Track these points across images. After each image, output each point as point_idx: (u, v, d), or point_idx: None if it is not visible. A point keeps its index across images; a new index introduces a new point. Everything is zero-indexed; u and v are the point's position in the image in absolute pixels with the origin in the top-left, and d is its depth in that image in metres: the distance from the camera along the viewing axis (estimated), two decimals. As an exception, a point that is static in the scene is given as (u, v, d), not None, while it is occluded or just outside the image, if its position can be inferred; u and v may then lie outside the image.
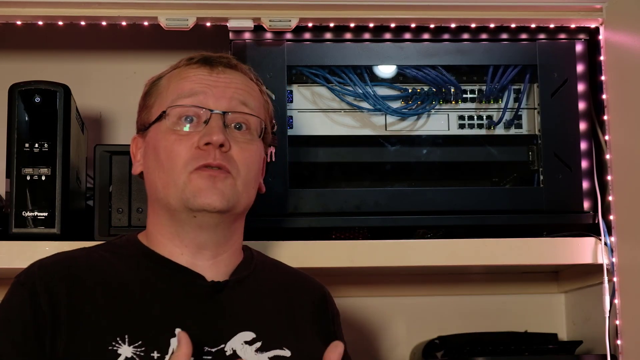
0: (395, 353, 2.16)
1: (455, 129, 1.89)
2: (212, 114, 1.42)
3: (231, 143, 1.42)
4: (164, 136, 1.43)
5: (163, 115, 1.44)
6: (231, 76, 1.48)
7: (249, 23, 1.82)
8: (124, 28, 1.87)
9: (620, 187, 1.80)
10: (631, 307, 1.76)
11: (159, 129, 1.45)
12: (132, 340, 1.33)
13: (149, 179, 1.47)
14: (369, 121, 1.88)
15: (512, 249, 1.81)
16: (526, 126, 1.90)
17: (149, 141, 1.47)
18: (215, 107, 1.43)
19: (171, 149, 1.42)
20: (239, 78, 1.49)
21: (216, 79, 1.46)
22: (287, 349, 1.41)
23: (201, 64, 1.47)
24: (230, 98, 1.45)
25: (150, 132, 1.47)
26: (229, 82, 1.47)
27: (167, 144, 1.42)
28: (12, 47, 2.15)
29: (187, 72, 1.47)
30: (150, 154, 1.45)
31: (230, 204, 1.41)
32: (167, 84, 1.47)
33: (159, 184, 1.43)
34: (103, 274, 1.41)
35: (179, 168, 1.41)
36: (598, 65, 1.88)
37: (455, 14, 1.85)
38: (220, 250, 1.46)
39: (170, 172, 1.41)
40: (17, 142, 1.77)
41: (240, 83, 1.48)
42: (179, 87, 1.45)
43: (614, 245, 1.80)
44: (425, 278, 2.17)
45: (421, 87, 1.89)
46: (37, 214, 1.76)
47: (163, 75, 1.50)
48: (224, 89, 1.46)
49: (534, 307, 2.20)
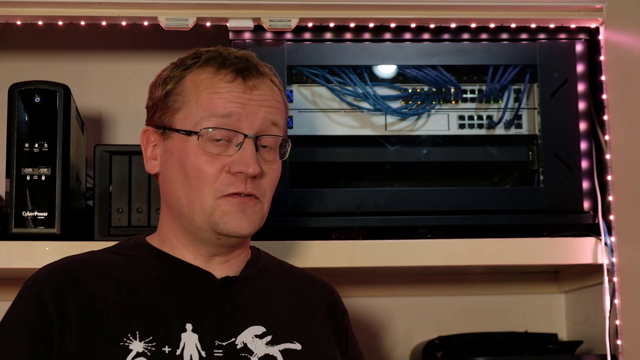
0: (395, 353, 2.16)
1: (455, 129, 1.89)
2: (246, 139, 1.42)
3: (262, 168, 1.43)
4: (194, 153, 1.42)
5: (196, 133, 1.42)
6: (262, 92, 1.45)
7: (249, 23, 1.82)
8: (124, 28, 1.87)
9: (620, 187, 1.80)
10: (631, 307, 1.76)
11: (187, 142, 1.42)
12: (142, 335, 1.35)
13: (170, 187, 1.45)
14: (369, 121, 1.88)
15: (512, 249, 1.81)
16: (526, 126, 1.90)
17: (172, 148, 1.44)
18: (248, 129, 1.42)
19: (202, 170, 1.41)
20: (269, 92, 1.46)
21: (250, 97, 1.43)
22: (298, 342, 1.42)
23: (234, 76, 1.43)
24: (263, 120, 1.43)
25: (174, 139, 1.44)
26: (261, 101, 1.44)
27: (198, 163, 1.41)
28: (12, 47, 2.14)
29: (218, 86, 1.43)
30: (175, 164, 1.44)
31: (257, 228, 1.44)
32: (196, 92, 1.44)
33: (184, 200, 1.43)
34: (112, 273, 1.42)
35: (207, 190, 1.41)
36: (598, 65, 1.88)
37: (455, 14, 1.85)
38: (233, 254, 1.48)
39: (198, 192, 1.41)
40: (17, 142, 1.77)
41: (271, 99, 1.46)
42: (212, 105, 1.42)
43: (614, 245, 1.80)
44: (425, 278, 2.18)
45: (421, 87, 1.89)
46: (37, 214, 1.76)
47: (184, 76, 1.46)
48: (257, 108, 1.43)
49: (534, 307, 2.20)
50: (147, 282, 1.42)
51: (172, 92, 1.45)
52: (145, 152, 1.48)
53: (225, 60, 1.44)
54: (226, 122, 1.41)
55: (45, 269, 1.44)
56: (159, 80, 1.48)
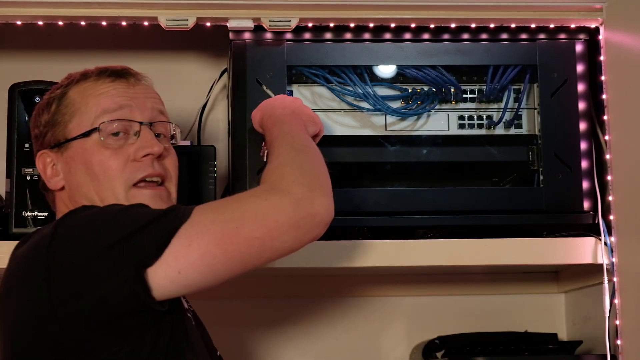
0: (395, 353, 2.16)
1: (455, 129, 1.89)
2: (142, 126, 1.50)
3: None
4: (97, 151, 1.48)
5: (95, 130, 1.48)
6: (143, 87, 1.56)
7: (249, 23, 1.82)
8: (124, 28, 1.87)
9: (620, 187, 1.80)
10: (631, 307, 1.76)
11: (85, 144, 1.48)
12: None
13: (79, 192, 1.49)
14: (369, 121, 1.88)
15: (512, 249, 1.81)
16: (526, 126, 1.90)
17: (73, 156, 1.49)
18: (141, 119, 1.51)
19: (108, 164, 1.47)
20: (149, 88, 1.57)
21: (135, 91, 1.53)
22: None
23: (114, 77, 1.53)
24: (152, 109, 1.53)
25: (73, 148, 1.49)
26: (145, 93, 1.55)
27: (103, 158, 1.47)
28: (12, 47, 2.15)
29: (103, 87, 1.51)
30: (79, 169, 1.49)
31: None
32: (82, 100, 1.50)
33: (96, 198, 1.47)
34: None
35: (117, 182, 1.47)
36: (598, 65, 1.88)
37: (455, 14, 1.85)
38: None
39: (109, 186, 1.47)
40: (17, 142, 1.77)
41: (152, 92, 1.57)
42: (102, 103, 1.50)
43: (614, 245, 1.80)
44: (425, 278, 2.17)
45: (421, 87, 1.89)
46: (37, 214, 1.76)
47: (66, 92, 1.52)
48: (144, 100, 1.53)
49: (534, 307, 2.20)
50: None
51: (58, 109, 1.51)
52: (45, 174, 1.52)
53: (101, 70, 1.53)
54: (121, 114, 1.49)
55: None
56: (41, 108, 1.54)
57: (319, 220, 1.35)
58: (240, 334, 2.11)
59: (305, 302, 2.16)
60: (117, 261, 1.27)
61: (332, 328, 2.15)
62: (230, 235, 1.30)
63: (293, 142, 1.51)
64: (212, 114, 2.18)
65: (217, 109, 2.18)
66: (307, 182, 1.37)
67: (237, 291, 2.09)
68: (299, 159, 1.45)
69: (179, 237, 1.29)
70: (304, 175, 1.39)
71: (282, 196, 1.34)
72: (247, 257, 1.32)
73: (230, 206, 1.34)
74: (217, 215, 1.32)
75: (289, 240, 1.34)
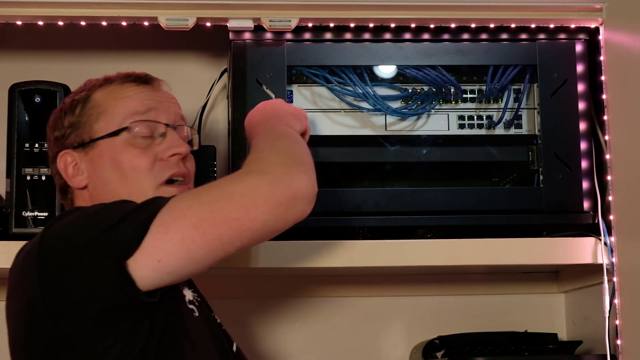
0: (395, 353, 2.16)
1: (455, 129, 1.89)
2: (168, 128, 1.55)
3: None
4: (126, 149, 1.52)
5: (124, 130, 1.52)
6: (166, 92, 1.61)
7: (249, 23, 1.82)
8: (124, 28, 1.87)
9: (620, 187, 1.80)
10: (631, 307, 1.76)
11: (113, 143, 1.52)
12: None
13: (105, 190, 1.51)
14: (369, 121, 1.88)
15: (512, 249, 1.81)
16: (526, 126, 1.90)
17: (100, 155, 1.52)
18: (167, 121, 1.56)
19: (137, 161, 1.51)
20: (170, 93, 1.63)
21: (159, 96, 1.58)
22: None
23: (138, 82, 1.58)
24: (175, 113, 1.59)
25: (100, 147, 1.53)
26: (168, 98, 1.61)
27: (132, 156, 1.51)
28: (12, 47, 2.15)
29: (129, 91, 1.56)
30: (107, 167, 1.52)
31: None
32: (109, 102, 1.55)
33: (124, 195, 1.48)
34: None
35: (146, 180, 1.51)
36: (598, 65, 1.88)
37: (455, 14, 1.85)
38: None
39: (137, 184, 1.50)
40: (17, 142, 1.78)
41: (174, 98, 1.63)
42: (130, 105, 1.55)
43: (614, 245, 1.80)
44: (425, 278, 2.17)
45: (421, 87, 1.89)
46: (37, 214, 1.76)
47: (90, 95, 1.56)
48: (168, 104, 1.59)
49: (534, 307, 2.20)
50: None
51: (83, 111, 1.55)
52: (67, 173, 1.55)
53: (126, 75, 1.59)
54: (147, 116, 1.54)
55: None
56: (63, 110, 1.58)
57: (300, 196, 1.35)
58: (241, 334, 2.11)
59: (305, 302, 2.16)
60: (99, 255, 1.29)
61: (332, 328, 2.15)
62: (207, 218, 1.30)
63: (272, 132, 1.53)
64: (212, 114, 2.18)
65: (217, 109, 2.18)
66: (285, 162, 1.38)
67: (238, 291, 2.09)
68: (278, 144, 1.46)
69: (155, 225, 1.29)
70: (282, 156, 1.40)
71: (260, 176, 1.34)
72: (227, 239, 1.32)
73: (207, 190, 1.35)
74: (193, 200, 1.33)
75: (270, 219, 1.33)
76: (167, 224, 1.30)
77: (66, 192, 1.58)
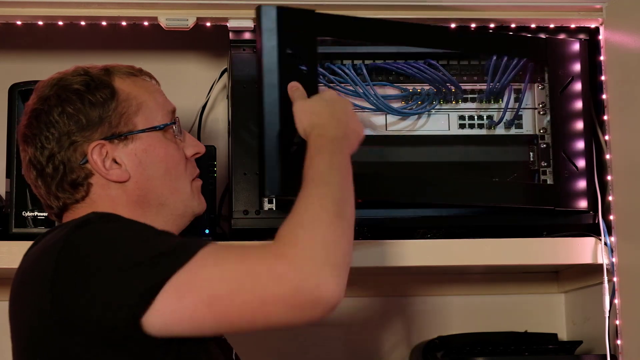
0: (395, 353, 2.16)
1: (455, 128, 1.89)
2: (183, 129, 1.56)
3: None
4: (168, 145, 1.50)
5: (169, 125, 1.51)
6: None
7: (249, 23, 1.82)
8: (124, 28, 1.87)
9: (620, 187, 1.80)
10: (631, 307, 1.76)
11: (155, 137, 1.49)
12: None
13: (149, 185, 1.47)
14: (369, 121, 1.88)
15: (512, 249, 1.81)
16: (526, 126, 1.90)
17: (144, 148, 1.47)
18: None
19: (179, 158, 1.52)
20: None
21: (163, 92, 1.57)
22: None
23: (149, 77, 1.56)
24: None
25: (142, 140, 1.48)
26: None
27: (174, 152, 1.51)
28: (12, 47, 2.15)
29: (151, 85, 1.54)
30: (153, 161, 1.48)
31: None
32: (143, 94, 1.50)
33: (167, 191, 1.48)
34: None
35: (184, 176, 1.52)
36: (598, 65, 1.88)
37: (456, 14, 1.85)
38: None
39: (178, 180, 1.50)
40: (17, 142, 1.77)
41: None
42: (161, 101, 1.53)
43: (614, 245, 1.80)
44: (425, 278, 2.17)
45: (421, 87, 1.89)
46: (37, 214, 1.76)
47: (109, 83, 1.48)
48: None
49: (534, 307, 2.20)
50: None
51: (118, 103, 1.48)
52: (102, 166, 1.45)
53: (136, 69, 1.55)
54: (175, 115, 1.54)
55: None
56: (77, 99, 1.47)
57: (322, 305, 1.25)
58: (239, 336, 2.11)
59: (305, 302, 2.16)
60: (113, 293, 1.25)
61: (332, 328, 2.15)
62: (223, 298, 1.24)
63: (330, 195, 1.36)
64: (212, 114, 2.18)
65: (217, 109, 2.18)
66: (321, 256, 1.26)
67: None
68: (326, 219, 1.31)
69: (172, 286, 1.24)
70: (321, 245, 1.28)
71: (288, 269, 1.24)
72: (237, 324, 1.27)
73: (233, 263, 1.26)
74: (216, 271, 1.25)
75: (285, 318, 1.25)
76: (182, 292, 1.24)
77: (79, 186, 1.46)
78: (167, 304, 1.23)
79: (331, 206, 1.33)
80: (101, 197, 1.46)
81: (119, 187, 1.46)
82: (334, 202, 1.34)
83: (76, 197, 1.46)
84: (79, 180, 1.46)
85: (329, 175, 1.39)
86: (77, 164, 1.45)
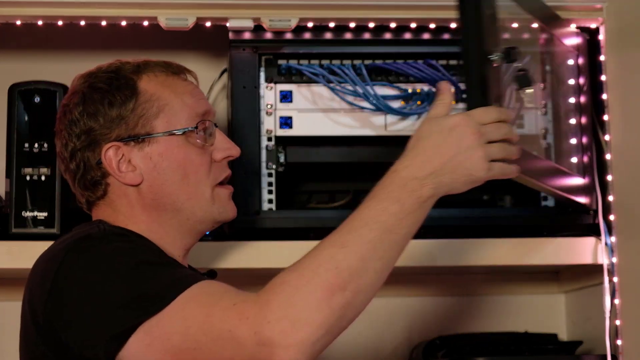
0: (395, 353, 2.16)
1: (455, 128, 1.89)
2: (216, 128, 1.49)
3: None
4: (188, 149, 1.45)
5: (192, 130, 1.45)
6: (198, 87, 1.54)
7: (249, 23, 1.82)
8: (123, 28, 1.87)
9: (620, 187, 1.80)
10: (631, 307, 1.76)
11: (176, 141, 1.44)
12: None
13: (164, 190, 1.44)
14: (369, 121, 1.88)
15: (512, 249, 1.81)
16: (527, 126, 1.90)
17: (161, 152, 1.44)
18: (214, 120, 1.50)
19: (199, 164, 1.45)
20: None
21: (199, 92, 1.52)
22: None
23: (180, 74, 1.50)
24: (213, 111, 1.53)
25: (159, 143, 1.44)
26: (203, 94, 1.54)
27: (194, 157, 1.45)
28: (12, 47, 2.14)
29: (181, 86, 1.49)
30: (168, 166, 1.44)
31: None
32: (168, 96, 1.46)
33: (183, 197, 1.44)
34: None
35: (206, 181, 1.45)
36: (598, 65, 1.88)
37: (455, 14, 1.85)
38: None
39: (197, 185, 1.45)
40: (17, 142, 1.78)
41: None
42: (191, 104, 1.47)
43: (614, 245, 1.80)
44: (425, 278, 2.17)
45: (421, 87, 1.89)
46: (37, 214, 1.76)
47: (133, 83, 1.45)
48: (207, 102, 1.53)
49: (534, 307, 2.20)
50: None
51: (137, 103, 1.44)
52: (116, 168, 1.43)
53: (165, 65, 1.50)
54: (207, 116, 1.48)
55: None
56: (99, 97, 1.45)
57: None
58: None
59: (305, 302, 2.16)
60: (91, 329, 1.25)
61: (332, 328, 2.15)
62: (185, 353, 1.21)
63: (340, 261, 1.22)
64: (212, 114, 2.18)
65: (216, 109, 2.16)
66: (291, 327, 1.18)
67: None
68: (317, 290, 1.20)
69: (143, 331, 1.23)
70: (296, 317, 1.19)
71: (248, 334, 1.18)
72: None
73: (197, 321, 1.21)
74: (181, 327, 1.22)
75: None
76: (151, 340, 1.23)
77: (98, 185, 1.45)
78: (137, 347, 1.23)
79: (332, 276, 1.20)
80: (120, 197, 1.45)
81: (134, 190, 1.44)
82: (337, 271, 1.20)
83: (97, 194, 1.46)
84: (96, 179, 1.45)
85: (360, 231, 1.25)
86: (94, 163, 1.44)
